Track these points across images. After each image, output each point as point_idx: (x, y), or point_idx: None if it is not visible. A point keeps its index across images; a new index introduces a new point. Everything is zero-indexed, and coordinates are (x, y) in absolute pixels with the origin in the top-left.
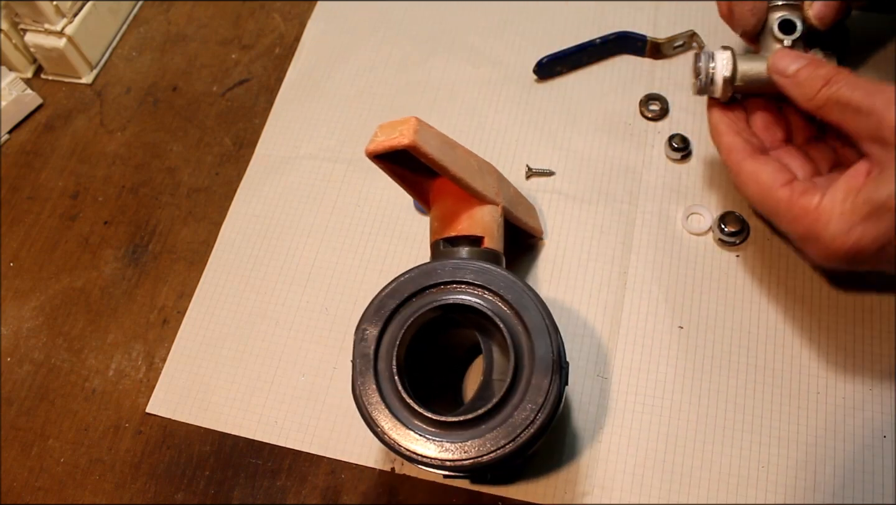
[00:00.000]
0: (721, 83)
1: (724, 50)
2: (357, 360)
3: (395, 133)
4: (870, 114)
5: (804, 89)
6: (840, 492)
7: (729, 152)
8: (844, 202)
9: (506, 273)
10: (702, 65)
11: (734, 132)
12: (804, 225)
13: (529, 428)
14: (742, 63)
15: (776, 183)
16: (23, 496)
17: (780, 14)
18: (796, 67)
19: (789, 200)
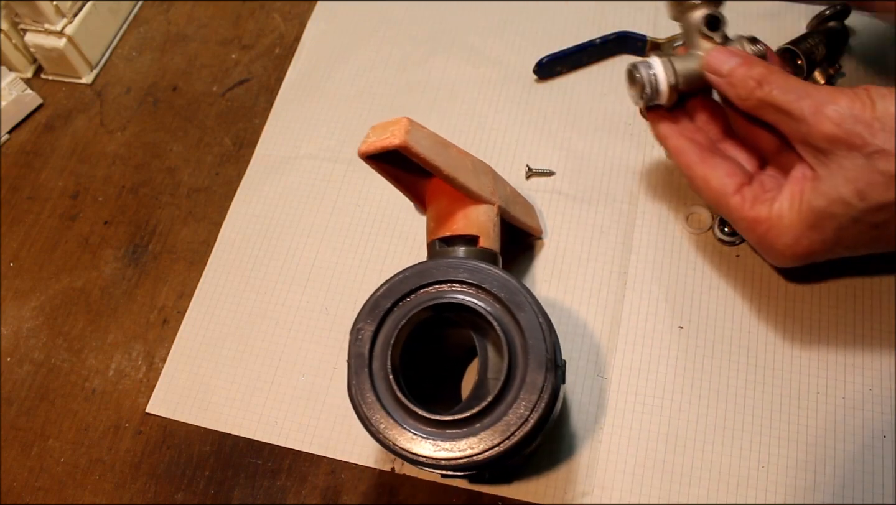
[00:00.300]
0: (667, 90)
1: (656, 56)
2: (352, 359)
3: (387, 134)
4: (800, 119)
5: (738, 90)
6: (840, 492)
7: (678, 155)
8: (791, 211)
9: (500, 272)
10: (643, 76)
11: (679, 133)
12: (758, 234)
13: (524, 427)
14: (678, 65)
15: (728, 190)
16: (23, 496)
17: (701, 11)
18: (730, 67)
19: (741, 210)
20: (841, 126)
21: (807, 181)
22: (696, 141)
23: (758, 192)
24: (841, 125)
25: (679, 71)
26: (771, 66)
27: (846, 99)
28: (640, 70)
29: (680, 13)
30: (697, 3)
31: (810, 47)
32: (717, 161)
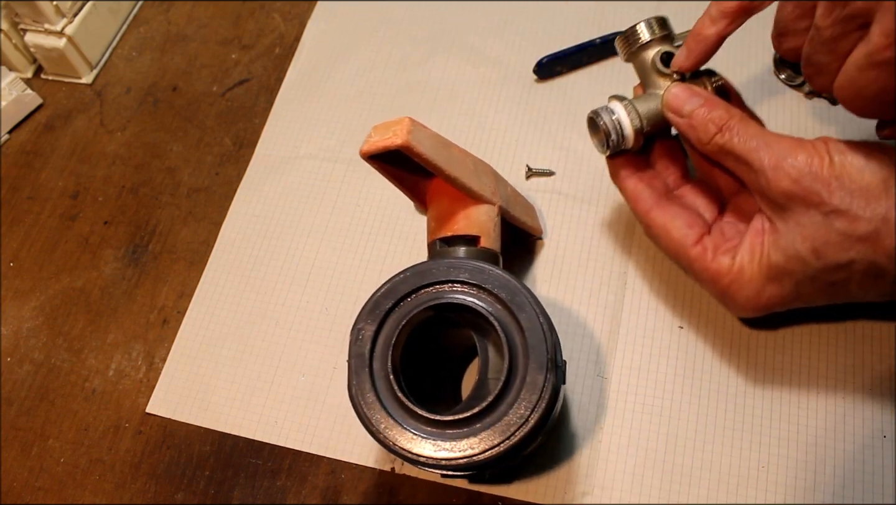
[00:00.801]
0: (633, 134)
1: (616, 101)
2: (352, 359)
3: (389, 133)
4: (759, 171)
5: (698, 133)
6: (840, 492)
7: (635, 201)
8: (751, 265)
9: (501, 272)
10: (606, 122)
11: (638, 179)
12: (719, 287)
13: (524, 427)
14: (640, 107)
15: (688, 241)
16: (23, 496)
17: (656, 49)
18: (690, 108)
19: (702, 262)
20: (799, 183)
21: (766, 234)
22: (654, 187)
23: (718, 242)
24: (799, 182)
25: (642, 113)
26: (732, 110)
27: (805, 154)
28: (603, 117)
29: (631, 54)
30: (648, 41)
31: None
32: (677, 210)
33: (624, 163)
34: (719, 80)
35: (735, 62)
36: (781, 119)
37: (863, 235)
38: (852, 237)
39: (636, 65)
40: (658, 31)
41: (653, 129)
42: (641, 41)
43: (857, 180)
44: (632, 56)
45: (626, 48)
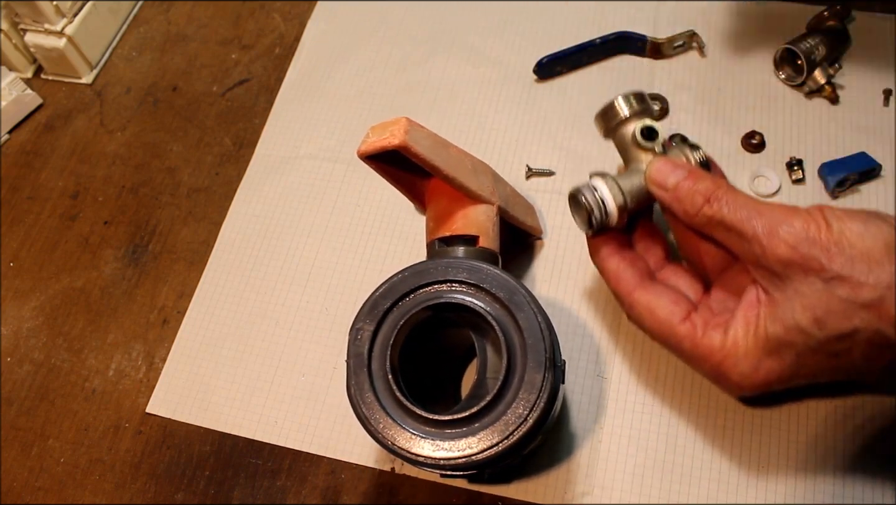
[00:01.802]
0: (616, 211)
1: (599, 178)
2: (351, 359)
3: (386, 134)
4: (752, 240)
5: (685, 205)
6: (840, 492)
7: (617, 282)
8: (746, 339)
9: (499, 272)
10: (589, 200)
11: (619, 256)
12: (711, 365)
13: (522, 426)
14: (623, 183)
15: (675, 319)
16: (23, 496)
17: (634, 124)
18: (675, 181)
19: (692, 340)
20: (796, 249)
21: (762, 306)
22: (637, 267)
23: (707, 318)
24: (796, 248)
25: (625, 190)
26: (718, 181)
27: (800, 220)
28: (585, 194)
29: (610, 130)
30: (626, 117)
31: (810, 47)
32: (661, 289)
33: (605, 241)
34: (702, 153)
35: (734, 63)
36: (783, 119)
37: (867, 302)
38: (856, 304)
39: (615, 141)
40: (636, 105)
41: (637, 205)
42: (620, 117)
43: (857, 246)
44: (610, 132)
45: (605, 124)
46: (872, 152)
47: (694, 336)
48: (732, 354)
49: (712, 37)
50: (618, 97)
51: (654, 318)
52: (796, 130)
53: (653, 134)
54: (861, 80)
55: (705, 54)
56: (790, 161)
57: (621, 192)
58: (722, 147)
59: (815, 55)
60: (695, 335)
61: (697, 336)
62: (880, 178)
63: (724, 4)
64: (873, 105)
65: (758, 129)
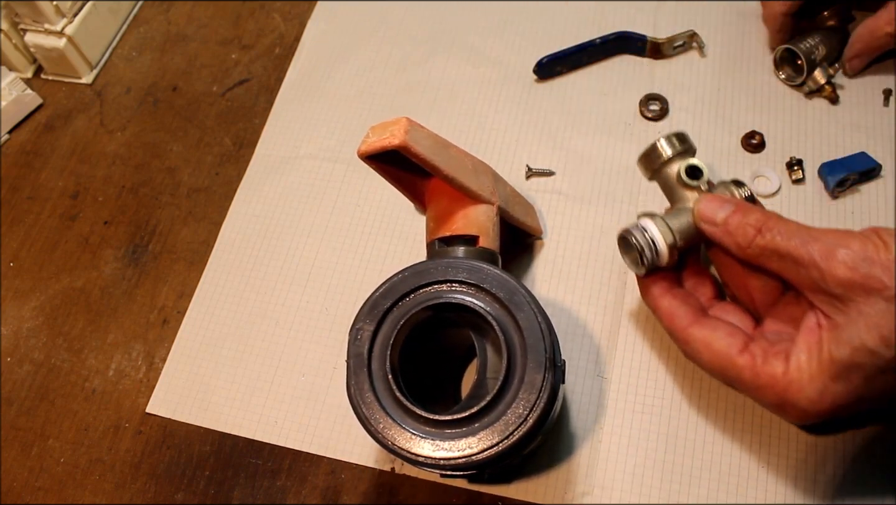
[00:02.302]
0: (667, 250)
1: (647, 218)
2: (351, 359)
3: (386, 134)
4: (809, 265)
5: (737, 238)
6: (840, 492)
7: (671, 319)
8: (811, 364)
9: (499, 272)
10: (639, 241)
11: (671, 295)
12: (775, 393)
13: (522, 426)
14: (672, 222)
15: (733, 350)
16: (23, 496)
17: (678, 164)
18: (724, 215)
19: (753, 369)
20: (856, 270)
21: (824, 330)
22: (689, 304)
23: (765, 348)
24: (856, 269)
25: (674, 228)
26: (767, 211)
27: (857, 242)
28: (636, 235)
29: (654, 172)
30: (670, 158)
31: (810, 47)
32: (716, 323)
33: (655, 281)
34: (747, 189)
35: (734, 63)
36: (783, 119)
37: None
38: None
39: (660, 182)
40: (679, 145)
41: (686, 244)
42: (663, 158)
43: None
44: (654, 174)
45: (649, 166)
46: (872, 152)
47: (754, 366)
48: (797, 381)
49: (712, 37)
50: (660, 139)
51: (712, 351)
52: (796, 130)
53: (697, 172)
54: (861, 80)
55: (705, 54)
56: (790, 161)
57: (671, 232)
58: (722, 147)
59: (815, 55)
60: (755, 365)
61: (758, 365)
62: (880, 178)
63: (724, 4)
64: (873, 105)
65: (758, 129)
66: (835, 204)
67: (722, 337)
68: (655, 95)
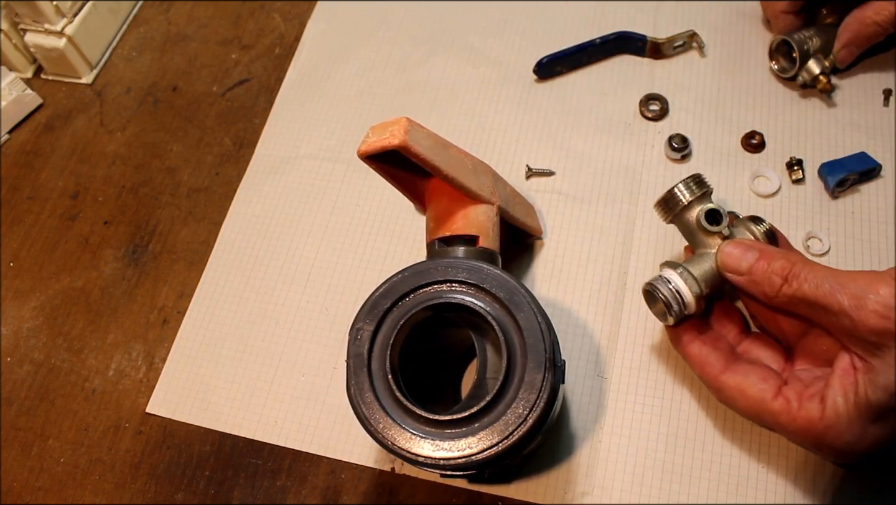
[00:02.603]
0: (694, 302)
1: (669, 269)
2: (351, 359)
3: (386, 134)
4: (839, 314)
5: (763, 288)
6: (840, 492)
7: (703, 366)
8: (847, 407)
9: (498, 272)
10: (664, 293)
11: (700, 341)
12: (813, 436)
13: (522, 426)
14: (695, 270)
15: (767, 395)
16: (23, 496)
17: (697, 209)
18: (748, 265)
19: (788, 414)
20: (888, 318)
21: (859, 373)
22: (720, 349)
23: (800, 391)
24: (888, 317)
25: (698, 277)
26: (791, 256)
27: (885, 286)
28: (660, 288)
29: (673, 217)
30: (688, 203)
31: (803, 38)
32: (747, 367)
33: (685, 329)
34: (766, 225)
35: (734, 63)
36: (783, 119)
37: None
38: None
39: (679, 226)
40: (696, 189)
41: (711, 290)
42: (682, 204)
43: None
44: (674, 219)
45: (668, 212)
46: (872, 152)
47: (790, 410)
48: (834, 425)
49: (712, 37)
50: (678, 185)
51: (746, 398)
52: (796, 130)
53: (718, 218)
54: (861, 80)
55: (705, 54)
56: (790, 161)
57: (696, 281)
58: (722, 147)
59: (808, 46)
60: (790, 409)
61: (794, 410)
62: (880, 178)
63: (724, 4)
64: (873, 105)
65: (758, 129)
66: (835, 204)
67: (755, 383)
68: (655, 95)
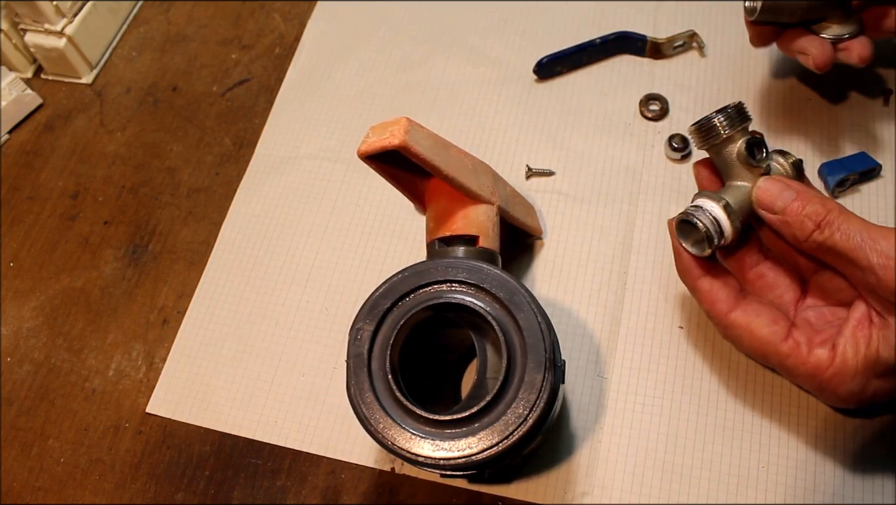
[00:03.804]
0: (732, 232)
1: (709, 199)
2: (351, 359)
3: (386, 134)
4: (865, 270)
5: (794, 230)
6: (840, 492)
7: (712, 303)
8: (857, 358)
9: (499, 272)
10: (705, 223)
11: (711, 276)
12: (818, 381)
13: (522, 426)
14: (731, 200)
15: (776, 337)
16: (23, 496)
17: (740, 140)
18: (783, 204)
19: (797, 358)
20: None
21: (875, 328)
22: (730, 286)
23: (810, 334)
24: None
25: (735, 208)
26: (828, 203)
27: None
28: (700, 217)
29: (710, 146)
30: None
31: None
32: (757, 307)
33: (696, 263)
34: (793, 157)
35: (734, 63)
36: (783, 119)
37: None
38: None
39: (713, 154)
40: (738, 122)
41: (744, 223)
42: (722, 136)
43: None
44: (710, 148)
45: (705, 141)
46: (872, 152)
47: (799, 354)
48: (840, 374)
49: (712, 37)
50: (717, 115)
51: (755, 337)
52: (796, 130)
53: (759, 149)
54: (861, 80)
55: (705, 54)
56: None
57: (734, 212)
58: None
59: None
60: (800, 353)
61: (803, 354)
62: (880, 178)
63: (724, 4)
64: (873, 105)
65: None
66: None
67: (765, 324)
68: (655, 95)
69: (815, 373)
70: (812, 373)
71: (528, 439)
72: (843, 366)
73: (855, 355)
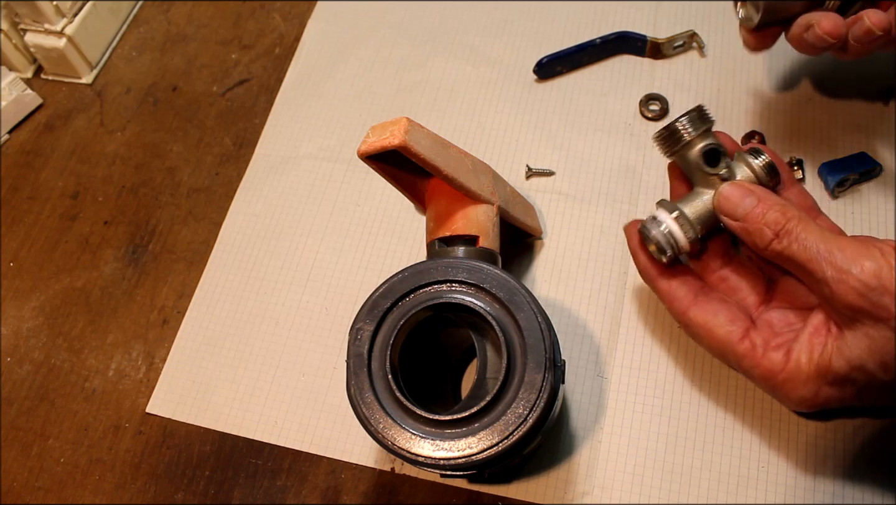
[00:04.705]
0: (688, 245)
1: (664, 210)
2: (351, 359)
3: (386, 134)
4: (820, 282)
5: (754, 238)
6: (840, 492)
7: (671, 301)
8: (809, 365)
9: (499, 272)
10: (657, 235)
11: (668, 274)
12: (772, 384)
13: (522, 426)
14: (689, 210)
15: (733, 337)
16: (23, 496)
17: (699, 146)
18: (744, 211)
19: (752, 358)
20: (865, 297)
21: (830, 337)
22: (689, 284)
23: (767, 337)
24: (865, 296)
25: (694, 219)
26: (789, 211)
27: (871, 262)
28: (653, 229)
29: (673, 153)
30: (688, 139)
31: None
32: (716, 306)
33: (652, 264)
34: (765, 159)
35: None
36: (783, 119)
37: None
38: None
39: (679, 161)
40: (699, 125)
41: (706, 230)
42: (684, 141)
43: None
44: (674, 154)
45: (668, 148)
46: (872, 152)
47: (754, 356)
48: (793, 379)
49: (712, 37)
50: (680, 118)
51: (712, 336)
52: (796, 130)
53: (716, 157)
54: (861, 80)
55: (705, 54)
56: (790, 161)
57: (690, 225)
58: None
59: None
60: (755, 355)
61: (758, 356)
62: (880, 178)
63: (724, 4)
64: (873, 105)
65: (758, 129)
66: (835, 204)
67: (722, 324)
68: (655, 95)
69: (769, 375)
70: (765, 375)
71: (528, 439)
72: (795, 371)
73: (808, 362)
